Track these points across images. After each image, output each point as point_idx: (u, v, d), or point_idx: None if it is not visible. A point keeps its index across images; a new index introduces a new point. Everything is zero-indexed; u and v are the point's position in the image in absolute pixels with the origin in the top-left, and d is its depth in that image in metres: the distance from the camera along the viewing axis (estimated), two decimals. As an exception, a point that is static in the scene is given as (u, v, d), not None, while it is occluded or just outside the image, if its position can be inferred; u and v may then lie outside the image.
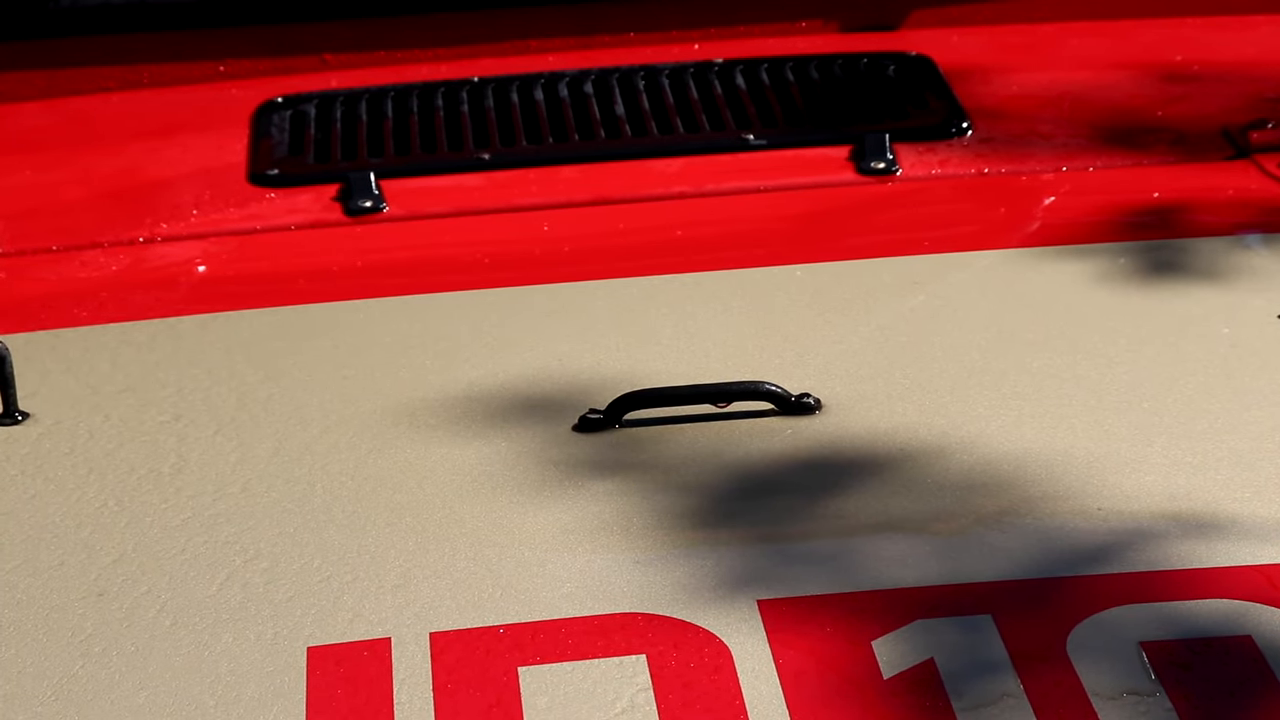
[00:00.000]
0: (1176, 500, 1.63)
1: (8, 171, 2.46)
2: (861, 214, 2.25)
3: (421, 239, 2.23)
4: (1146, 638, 1.47)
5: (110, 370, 1.93)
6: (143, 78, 2.64)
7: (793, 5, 2.65)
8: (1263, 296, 1.97)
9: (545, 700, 1.44)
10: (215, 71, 2.65)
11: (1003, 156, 2.35)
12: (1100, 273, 2.03)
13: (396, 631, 1.52)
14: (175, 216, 2.30)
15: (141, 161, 2.47)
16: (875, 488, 1.67)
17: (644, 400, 1.77)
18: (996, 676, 1.44)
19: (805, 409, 1.78)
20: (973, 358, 1.88)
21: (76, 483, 1.74)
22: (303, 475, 1.73)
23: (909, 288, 2.04)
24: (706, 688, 1.44)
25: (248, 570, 1.60)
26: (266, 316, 2.04)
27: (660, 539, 1.61)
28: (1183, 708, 1.41)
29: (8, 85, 2.61)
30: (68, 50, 2.63)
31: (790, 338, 1.94)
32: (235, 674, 1.49)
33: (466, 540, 1.63)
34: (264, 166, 2.38)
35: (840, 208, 2.26)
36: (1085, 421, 1.75)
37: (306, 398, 1.86)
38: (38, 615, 1.57)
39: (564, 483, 1.69)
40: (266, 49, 2.65)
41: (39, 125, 2.60)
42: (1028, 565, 1.56)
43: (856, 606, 1.51)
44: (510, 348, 1.95)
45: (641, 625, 1.51)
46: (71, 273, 2.17)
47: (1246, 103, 2.43)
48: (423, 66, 2.60)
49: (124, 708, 1.46)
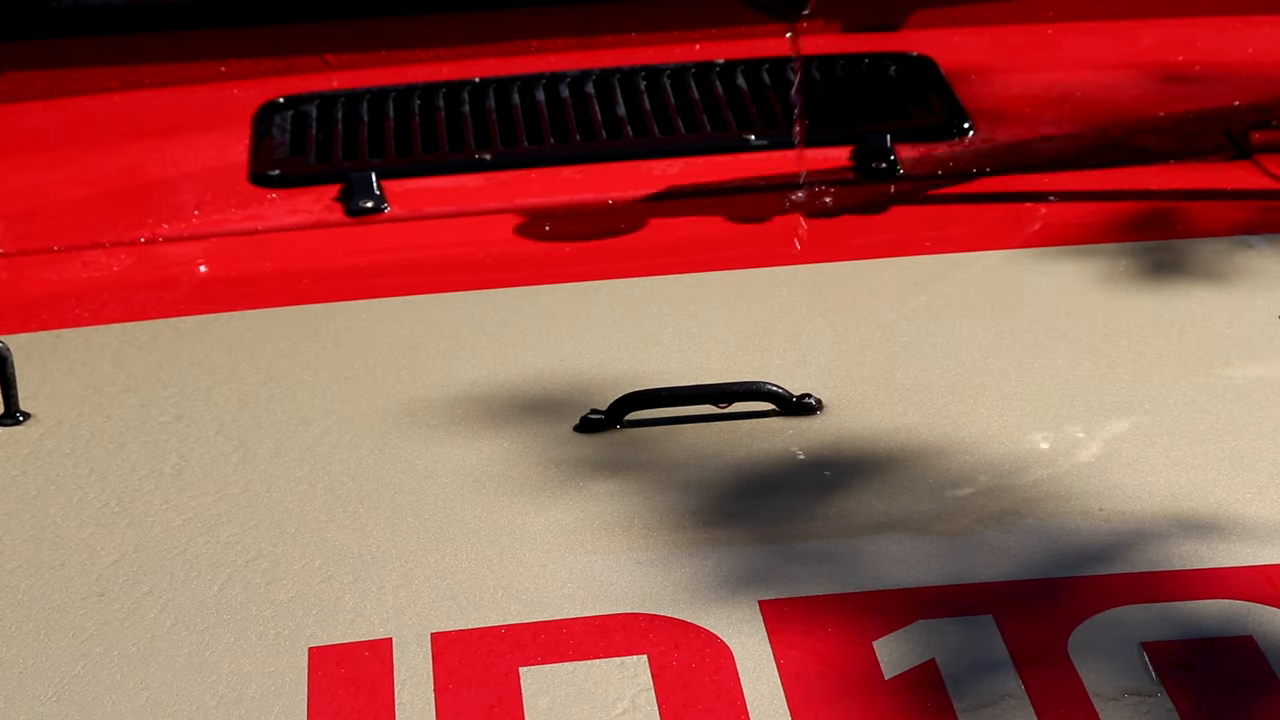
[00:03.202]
0: (1178, 501, 1.63)
1: (10, 171, 2.46)
2: (862, 214, 2.25)
3: (423, 239, 2.24)
4: (1148, 638, 1.47)
5: (112, 370, 1.93)
6: (144, 78, 2.64)
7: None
8: (1264, 297, 1.97)
9: (546, 700, 1.44)
10: (217, 72, 2.65)
11: (1004, 157, 2.35)
12: (1101, 273, 2.03)
13: (398, 632, 1.52)
14: (177, 217, 2.30)
15: (143, 162, 2.47)
16: (876, 488, 1.67)
17: (645, 401, 1.77)
18: (998, 677, 1.44)
19: (806, 409, 1.78)
20: (974, 358, 1.88)
21: (78, 483, 1.74)
22: (304, 475, 1.73)
23: (910, 288, 2.04)
24: (708, 688, 1.44)
25: (249, 570, 1.60)
26: (268, 317, 2.04)
27: (661, 539, 1.61)
28: (1184, 708, 1.41)
29: (10, 85, 2.62)
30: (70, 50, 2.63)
31: (791, 338, 1.94)
32: (236, 674, 1.49)
33: (468, 540, 1.63)
34: (265, 167, 2.38)
35: (842, 208, 2.26)
36: (1086, 422, 1.75)
37: (308, 398, 1.86)
38: (39, 615, 1.57)
39: (565, 483, 1.69)
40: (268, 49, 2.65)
41: (41, 125, 2.60)
42: (1029, 565, 1.56)
43: (858, 607, 1.51)
44: (512, 348, 1.95)
45: (643, 625, 1.51)
46: (73, 273, 2.17)
47: (1248, 103, 2.43)
48: (424, 67, 2.60)
49: (125, 708, 1.46)
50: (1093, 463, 1.69)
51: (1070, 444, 1.72)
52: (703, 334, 1.96)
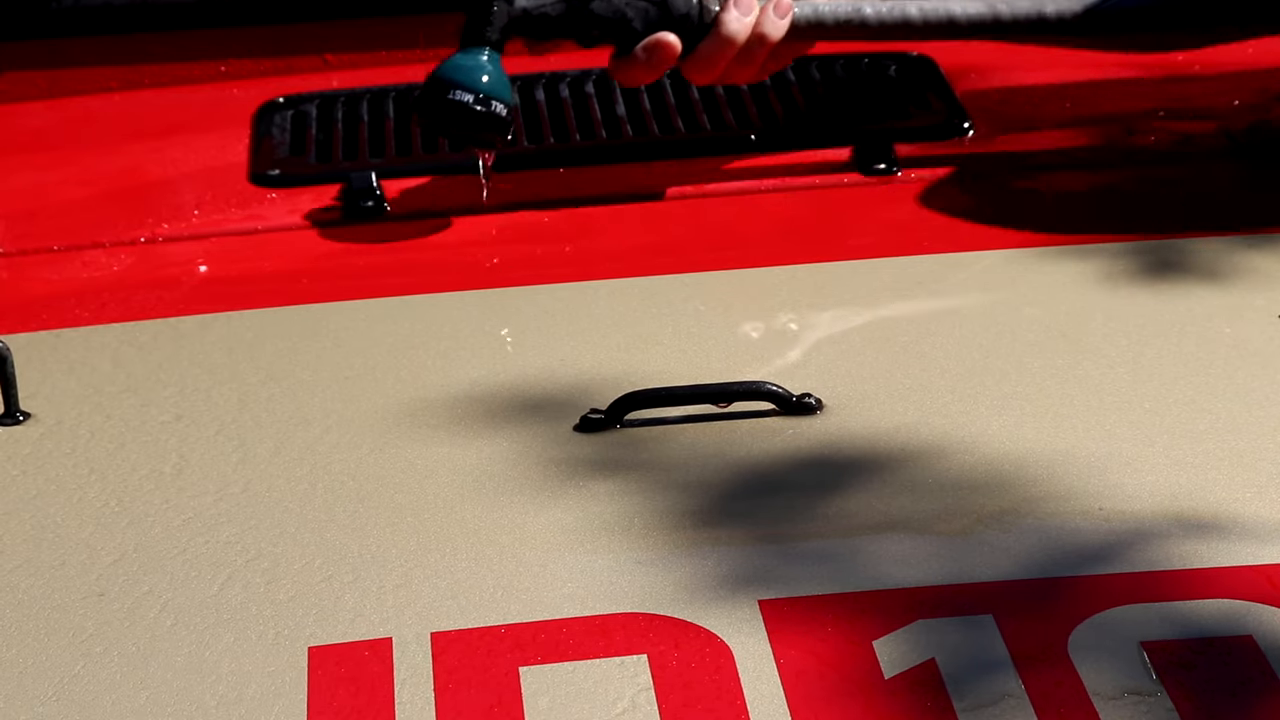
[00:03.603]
0: (1178, 500, 1.63)
1: (9, 171, 2.46)
2: (862, 214, 2.25)
3: (423, 239, 2.23)
4: (1148, 638, 1.47)
5: (112, 370, 1.93)
6: (144, 78, 2.64)
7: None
8: (1264, 296, 1.97)
9: (546, 700, 1.44)
10: (216, 71, 2.65)
11: (1004, 156, 2.35)
12: (1101, 273, 2.03)
13: (397, 631, 1.52)
14: (176, 216, 2.30)
15: (143, 161, 2.47)
16: (876, 487, 1.67)
17: (645, 400, 1.77)
18: (997, 676, 1.44)
19: (806, 409, 1.78)
20: (974, 358, 1.88)
21: (78, 483, 1.74)
22: (304, 475, 1.73)
23: (910, 288, 2.04)
24: (708, 687, 1.44)
25: (249, 570, 1.60)
26: (268, 316, 2.04)
27: (661, 539, 1.61)
28: (1184, 708, 1.41)
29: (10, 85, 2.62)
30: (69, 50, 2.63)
31: (791, 338, 1.94)
32: (236, 674, 1.49)
33: (467, 540, 1.63)
34: (265, 166, 2.38)
35: (842, 208, 2.26)
36: (1087, 421, 1.75)
37: (308, 398, 1.86)
38: (38, 615, 1.56)
39: (565, 483, 1.69)
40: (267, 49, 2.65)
41: (41, 125, 2.60)
42: (1029, 565, 1.56)
43: (858, 606, 1.51)
44: (511, 348, 1.95)
45: (643, 625, 1.51)
46: (73, 273, 2.17)
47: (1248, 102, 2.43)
48: (424, 66, 2.60)
49: (125, 708, 1.46)
50: (1093, 463, 1.69)
51: (1070, 444, 1.72)
52: (703, 334, 1.96)
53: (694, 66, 2.19)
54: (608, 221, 2.26)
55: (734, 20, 2.17)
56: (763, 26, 2.18)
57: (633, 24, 2.18)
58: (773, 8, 2.19)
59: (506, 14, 2.17)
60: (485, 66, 2.14)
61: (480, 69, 2.14)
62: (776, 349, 1.91)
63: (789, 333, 1.94)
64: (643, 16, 2.18)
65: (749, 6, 2.18)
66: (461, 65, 2.15)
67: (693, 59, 2.19)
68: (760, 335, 1.94)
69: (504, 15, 2.16)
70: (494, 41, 2.16)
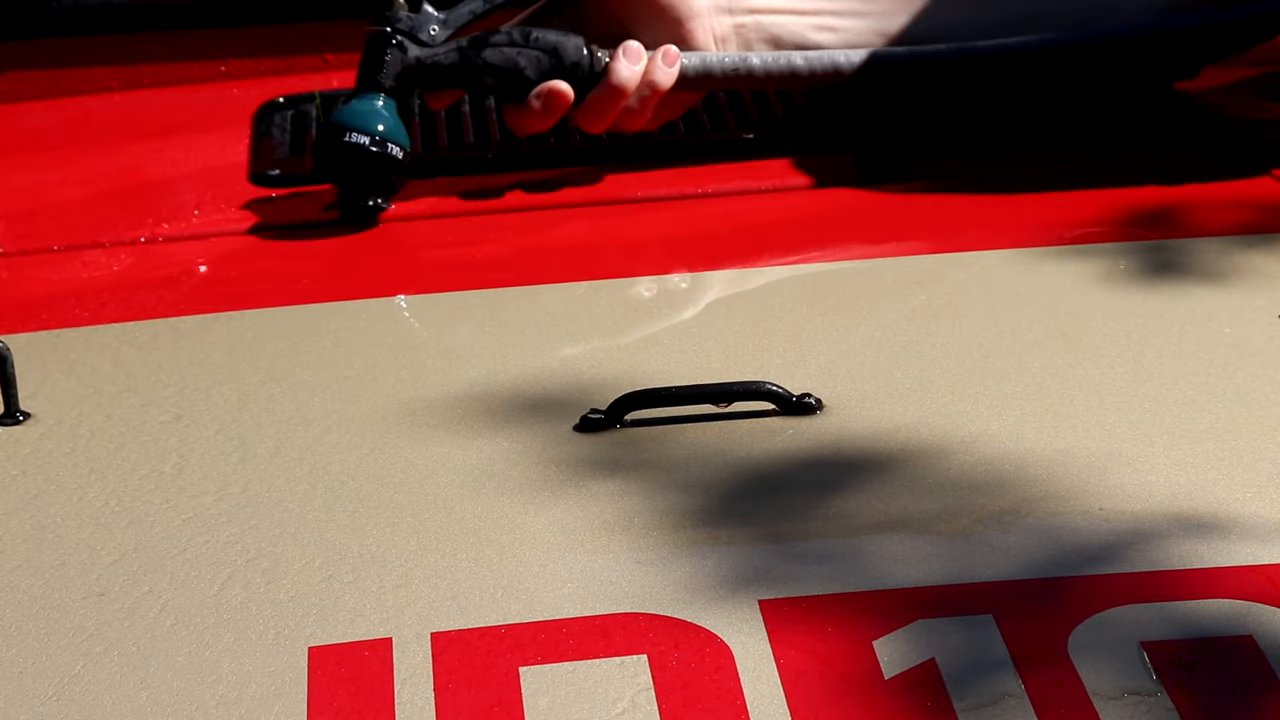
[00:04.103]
0: (1178, 500, 1.63)
1: (9, 171, 2.46)
2: (862, 214, 2.25)
3: (423, 239, 2.24)
4: (1148, 638, 1.47)
5: (112, 370, 1.93)
6: (144, 78, 2.65)
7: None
8: (1264, 296, 1.97)
9: (546, 700, 1.44)
10: (217, 71, 2.65)
11: (1003, 156, 2.35)
12: (1101, 273, 2.03)
13: (397, 631, 1.52)
14: (176, 216, 2.30)
15: (143, 161, 2.47)
16: (877, 487, 1.67)
17: (645, 400, 1.77)
18: (997, 676, 1.44)
19: (806, 409, 1.78)
20: (974, 358, 1.88)
21: (78, 483, 1.74)
22: (304, 475, 1.73)
23: (910, 288, 2.04)
24: (708, 687, 1.44)
25: (249, 570, 1.60)
26: (268, 316, 2.04)
27: (661, 539, 1.61)
28: (1184, 708, 1.41)
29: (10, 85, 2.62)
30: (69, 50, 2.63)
31: (791, 338, 1.94)
32: (236, 674, 1.49)
33: (467, 540, 1.63)
34: (265, 167, 2.38)
35: (842, 208, 2.26)
36: (1087, 421, 1.75)
37: (308, 398, 1.86)
38: (38, 615, 1.56)
39: (565, 483, 1.69)
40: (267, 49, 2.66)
41: (41, 125, 2.60)
42: (1029, 565, 1.56)
43: (858, 606, 1.51)
44: (511, 348, 1.95)
45: (643, 625, 1.51)
46: (73, 273, 2.17)
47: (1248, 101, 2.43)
48: (424, 66, 2.60)
49: (125, 708, 1.46)
50: (1093, 462, 1.69)
51: (1070, 444, 1.72)
52: (702, 334, 1.96)
53: (586, 115, 2.25)
54: (608, 222, 2.26)
55: (624, 69, 2.22)
56: (652, 75, 2.23)
57: (525, 72, 2.23)
58: (661, 57, 2.23)
59: (400, 61, 2.23)
60: (380, 112, 2.22)
61: (376, 114, 2.22)
62: (776, 349, 1.91)
63: (789, 333, 1.94)
64: (535, 65, 2.23)
65: (638, 55, 2.23)
66: (358, 110, 2.22)
67: (584, 107, 2.24)
68: (760, 335, 1.94)
69: (398, 63, 2.24)
70: (389, 89, 2.23)
